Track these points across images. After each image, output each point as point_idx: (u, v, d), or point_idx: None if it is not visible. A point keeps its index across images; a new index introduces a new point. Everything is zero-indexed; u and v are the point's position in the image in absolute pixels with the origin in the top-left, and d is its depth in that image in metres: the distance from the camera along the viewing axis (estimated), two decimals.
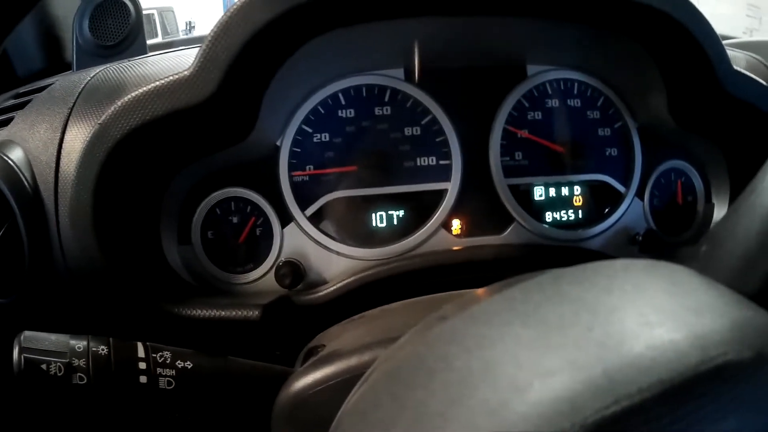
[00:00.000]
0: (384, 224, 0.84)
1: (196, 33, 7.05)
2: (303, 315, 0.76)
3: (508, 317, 0.35)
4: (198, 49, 0.68)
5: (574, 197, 0.90)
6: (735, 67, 0.81)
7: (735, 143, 0.89)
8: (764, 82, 0.83)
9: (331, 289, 0.77)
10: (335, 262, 0.82)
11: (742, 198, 0.38)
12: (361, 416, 0.36)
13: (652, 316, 0.31)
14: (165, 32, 5.89)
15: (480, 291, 0.45)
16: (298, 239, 0.82)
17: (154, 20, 5.60)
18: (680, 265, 0.38)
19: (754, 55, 1.06)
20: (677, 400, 0.27)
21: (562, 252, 0.86)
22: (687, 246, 0.92)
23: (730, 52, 1.01)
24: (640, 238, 0.90)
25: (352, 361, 0.53)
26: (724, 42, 1.12)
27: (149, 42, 1.07)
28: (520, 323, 0.33)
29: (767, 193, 0.37)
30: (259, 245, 0.82)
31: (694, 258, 0.41)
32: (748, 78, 0.82)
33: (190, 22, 7.19)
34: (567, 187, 0.90)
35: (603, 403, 0.26)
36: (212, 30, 0.66)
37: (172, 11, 6.38)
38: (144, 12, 1.07)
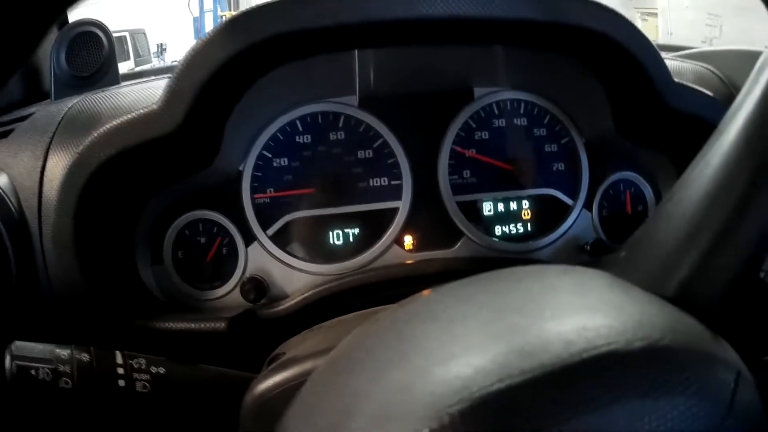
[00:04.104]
0: (341, 242, 0.93)
1: (167, 55, 7.09)
2: (267, 326, 0.85)
3: (424, 315, 0.42)
4: (166, 81, 0.76)
5: (523, 211, 0.99)
6: (676, 80, 0.85)
7: (682, 152, 0.92)
8: (709, 92, 0.88)
9: (292, 302, 0.86)
10: (296, 277, 0.91)
11: (661, 206, 0.44)
12: (304, 402, 0.43)
13: (548, 312, 0.37)
14: (137, 54, 5.90)
15: (412, 296, 0.51)
16: (261, 257, 0.91)
17: (126, 42, 5.62)
18: (593, 269, 0.43)
19: (705, 65, 1.10)
20: (561, 382, 0.31)
21: (511, 263, 0.91)
22: None
23: (679, 64, 1.07)
24: (589, 247, 0.98)
25: (308, 365, 0.60)
26: (680, 53, 1.18)
27: (121, 64, 1.15)
28: (432, 320, 0.40)
29: (683, 202, 0.42)
30: (225, 263, 0.91)
31: (615, 263, 0.47)
32: (689, 89, 0.87)
33: (161, 45, 7.18)
34: (515, 202, 0.99)
35: (488, 381, 0.31)
36: (177, 67, 0.75)
37: (144, 33, 6.39)
38: (115, 34, 1.14)
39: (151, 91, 0.92)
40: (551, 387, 0.31)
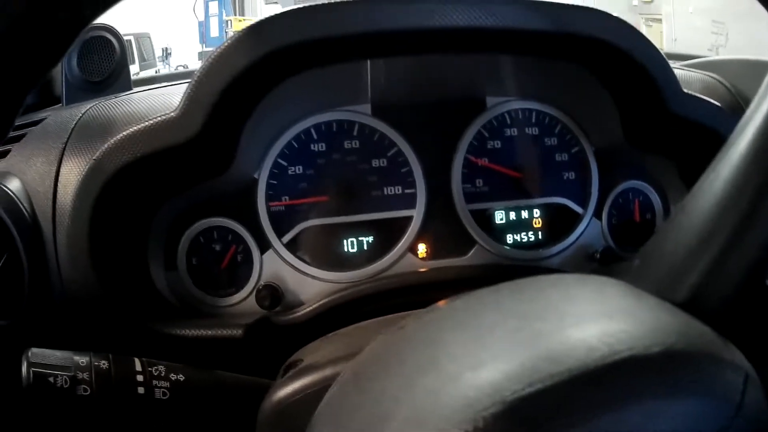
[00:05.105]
0: (355, 249, 0.94)
1: (172, 60, 7.11)
2: (282, 333, 0.85)
3: (451, 323, 0.42)
4: (182, 89, 0.77)
5: (534, 219, 1.00)
6: (684, 89, 0.86)
7: (690, 160, 0.96)
8: (715, 102, 0.89)
9: (307, 310, 0.86)
10: (311, 285, 0.92)
11: (672, 217, 0.45)
12: (333, 407, 0.44)
13: (570, 320, 0.38)
14: (141, 58, 5.90)
15: (435, 304, 0.52)
16: (276, 264, 0.91)
17: (131, 46, 5.61)
18: (608, 278, 0.44)
19: (712, 74, 1.11)
20: (585, 386, 0.33)
21: (522, 271, 0.95)
22: None
23: (686, 73, 1.08)
24: (598, 255, 0.99)
25: (327, 372, 0.60)
26: (687, 62, 1.20)
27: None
28: (460, 327, 0.41)
29: (694, 212, 0.42)
30: (240, 270, 0.91)
31: (628, 272, 0.47)
32: (697, 99, 0.88)
33: (166, 49, 7.19)
34: (526, 211, 1.00)
35: (519, 386, 0.32)
36: (195, 74, 0.76)
37: (149, 37, 6.39)
38: None
39: (165, 98, 0.93)
40: (577, 389, 0.33)
